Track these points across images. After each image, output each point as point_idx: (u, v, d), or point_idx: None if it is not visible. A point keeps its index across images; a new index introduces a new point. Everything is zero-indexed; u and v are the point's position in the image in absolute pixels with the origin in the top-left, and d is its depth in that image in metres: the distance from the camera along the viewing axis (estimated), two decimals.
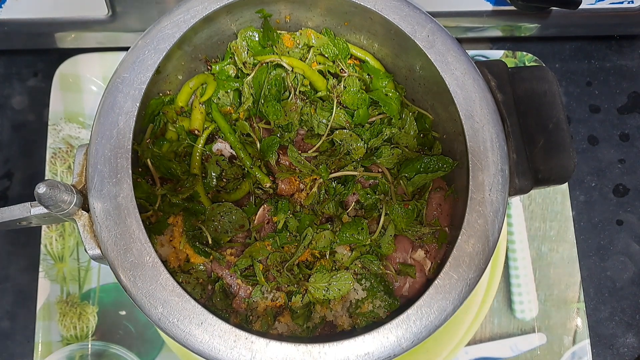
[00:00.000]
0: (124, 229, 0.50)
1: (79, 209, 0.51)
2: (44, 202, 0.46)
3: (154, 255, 0.50)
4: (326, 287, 0.55)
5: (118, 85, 0.54)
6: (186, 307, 0.49)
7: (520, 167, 0.56)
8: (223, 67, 0.63)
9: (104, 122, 0.53)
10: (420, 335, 0.50)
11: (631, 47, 0.88)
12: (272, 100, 0.61)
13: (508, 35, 0.84)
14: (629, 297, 0.78)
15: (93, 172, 0.51)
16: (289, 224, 0.58)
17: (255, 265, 0.56)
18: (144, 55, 0.54)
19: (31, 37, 0.77)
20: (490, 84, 0.58)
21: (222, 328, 0.49)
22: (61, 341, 0.70)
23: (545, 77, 0.60)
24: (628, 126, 0.85)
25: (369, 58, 0.65)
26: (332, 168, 0.60)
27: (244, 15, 0.61)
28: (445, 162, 0.59)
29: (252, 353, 0.48)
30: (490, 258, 0.53)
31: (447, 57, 0.57)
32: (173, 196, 0.57)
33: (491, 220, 0.53)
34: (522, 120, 0.58)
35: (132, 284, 0.49)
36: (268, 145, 0.60)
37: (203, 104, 0.62)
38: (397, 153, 0.60)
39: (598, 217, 0.81)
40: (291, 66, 0.62)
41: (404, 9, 0.58)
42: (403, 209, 0.58)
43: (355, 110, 0.62)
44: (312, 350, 0.49)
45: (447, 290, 0.51)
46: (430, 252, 0.59)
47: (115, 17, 0.73)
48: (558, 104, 0.59)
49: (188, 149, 0.61)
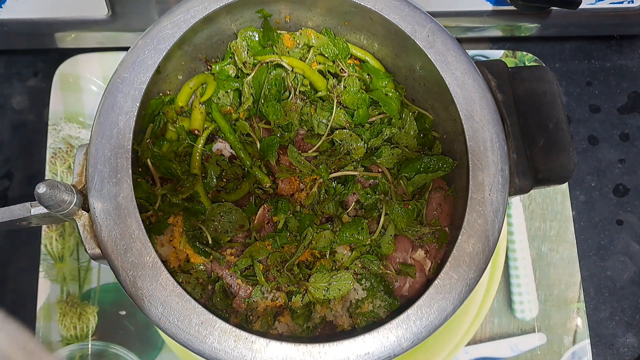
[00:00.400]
0: (124, 228, 0.50)
1: (79, 209, 0.51)
2: (44, 202, 0.46)
3: (154, 255, 0.50)
4: (326, 287, 0.55)
5: (118, 85, 0.54)
6: (186, 307, 0.49)
7: (520, 167, 0.56)
8: (223, 67, 0.63)
9: (104, 122, 0.52)
10: (420, 335, 0.50)
11: (631, 47, 0.88)
12: (272, 100, 0.61)
13: (508, 35, 0.84)
14: (629, 297, 0.78)
15: (93, 172, 0.51)
16: (289, 223, 0.58)
17: (255, 265, 0.56)
18: (144, 55, 0.54)
19: (31, 37, 0.77)
20: (490, 83, 0.58)
21: (223, 328, 0.49)
22: (61, 341, 0.70)
23: (545, 77, 0.60)
24: (628, 126, 0.85)
25: (369, 58, 0.65)
26: (332, 168, 0.60)
27: (244, 15, 0.61)
28: (446, 162, 0.59)
29: (252, 353, 0.48)
30: (490, 258, 0.53)
31: (447, 56, 0.57)
32: (173, 196, 0.57)
33: (491, 220, 0.53)
34: (522, 120, 0.58)
35: (131, 283, 0.49)
36: (268, 145, 0.60)
37: (203, 104, 0.62)
38: (397, 153, 0.60)
39: (598, 217, 0.81)
40: (291, 66, 0.62)
41: (404, 8, 0.58)
42: (403, 209, 0.58)
43: (355, 110, 0.62)
44: (312, 350, 0.49)
45: (447, 290, 0.51)
46: (430, 252, 0.59)
47: (115, 17, 0.73)
48: (558, 103, 0.59)
49: (188, 149, 0.61)
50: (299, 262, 0.57)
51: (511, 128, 0.56)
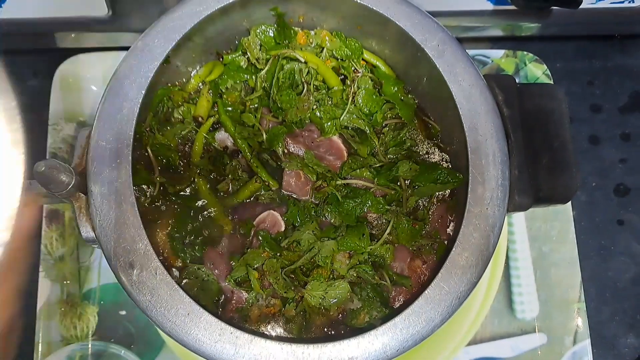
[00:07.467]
0: (119, 214, 0.50)
1: (77, 191, 0.51)
2: (41, 180, 0.46)
3: (146, 242, 0.49)
4: (322, 295, 0.55)
5: (125, 71, 0.54)
6: (174, 297, 0.49)
7: (522, 184, 0.55)
8: (234, 58, 0.63)
9: (109, 107, 0.53)
10: (406, 344, 0.50)
11: (632, 47, 0.88)
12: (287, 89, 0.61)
13: (509, 35, 0.84)
14: (630, 298, 0.78)
15: (93, 156, 0.51)
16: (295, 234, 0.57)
17: (250, 273, 0.55)
18: (153, 43, 0.54)
19: (31, 37, 0.77)
20: (497, 97, 0.57)
21: (208, 320, 0.49)
22: (61, 341, 0.70)
23: (555, 95, 0.59)
24: (629, 126, 0.85)
25: (380, 63, 0.64)
26: (345, 169, 0.60)
27: (258, 12, 0.61)
28: (455, 176, 0.58)
29: (235, 348, 0.48)
30: (483, 272, 0.52)
31: (456, 67, 0.56)
32: (170, 186, 0.57)
33: (487, 235, 0.52)
34: (527, 137, 0.57)
35: (122, 269, 0.49)
36: (274, 135, 0.59)
37: (210, 92, 0.62)
38: (415, 168, 0.59)
39: (599, 217, 0.81)
40: (305, 60, 0.61)
41: (416, 16, 0.58)
42: (410, 226, 0.58)
43: (369, 110, 0.62)
44: (296, 351, 0.49)
45: (437, 301, 0.51)
46: (428, 262, 0.58)
47: (115, 17, 0.73)
48: (565, 123, 0.58)
49: (191, 134, 0.61)
50: (296, 268, 0.57)
51: (515, 144, 0.56)
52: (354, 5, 0.58)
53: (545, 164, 0.56)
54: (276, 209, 0.59)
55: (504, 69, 0.82)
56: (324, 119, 0.61)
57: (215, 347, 0.48)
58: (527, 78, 0.82)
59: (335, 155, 0.61)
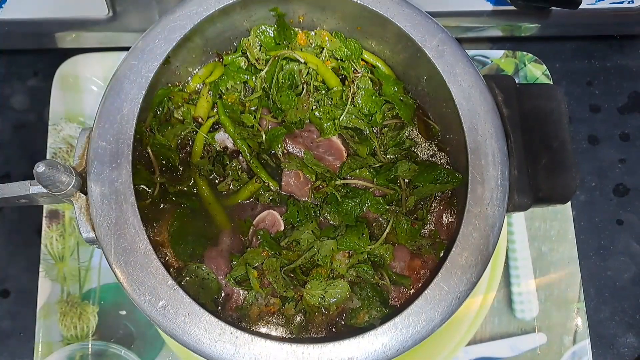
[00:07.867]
0: (119, 214, 0.50)
1: (77, 191, 0.51)
2: (42, 181, 0.47)
3: (146, 242, 0.50)
4: (322, 294, 0.55)
5: (126, 71, 0.54)
6: (174, 297, 0.49)
7: (521, 184, 0.55)
8: (234, 59, 0.63)
9: (109, 107, 0.53)
10: (406, 344, 0.50)
11: (632, 47, 0.88)
12: (286, 89, 0.61)
13: (508, 35, 0.84)
14: (630, 297, 0.78)
15: (93, 156, 0.51)
16: (295, 233, 0.57)
17: (249, 272, 0.55)
18: (154, 44, 0.55)
19: (31, 37, 0.77)
20: (497, 98, 0.57)
21: (208, 320, 0.49)
22: (61, 341, 0.70)
23: (554, 96, 0.59)
24: (628, 126, 0.85)
25: (380, 64, 0.65)
26: (344, 169, 0.60)
27: (258, 12, 0.61)
28: (454, 176, 0.58)
29: (235, 348, 0.48)
30: (483, 272, 0.52)
31: (456, 68, 0.56)
32: (170, 186, 0.57)
33: (486, 235, 0.52)
34: (526, 137, 0.57)
35: (122, 269, 0.49)
36: (274, 136, 0.60)
37: (210, 93, 0.62)
38: (414, 169, 0.60)
39: (598, 216, 0.81)
40: (305, 60, 0.61)
41: (416, 17, 0.58)
42: (410, 226, 0.58)
43: (368, 110, 0.62)
44: (296, 351, 0.49)
45: (437, 301, 0.51)
46: (428, 262, 0.59)
47: (115, 17, 0.73)
48: (565, 123, 0.58)
49: (191, 135, 0.61)
50: (295, 268, 0.57)
51: (514, 144, 0.56)
52: (354, 6, 0.59)
53: (545, 164, 0.56)
54: (276, 209, 0.59)
55: (504, 70, 0.82)
56: (324, 120, 0.61)
57: (215, 347, 0.48)
58: (527, 78, 0.82)
59: (334, 155, 0.61)
